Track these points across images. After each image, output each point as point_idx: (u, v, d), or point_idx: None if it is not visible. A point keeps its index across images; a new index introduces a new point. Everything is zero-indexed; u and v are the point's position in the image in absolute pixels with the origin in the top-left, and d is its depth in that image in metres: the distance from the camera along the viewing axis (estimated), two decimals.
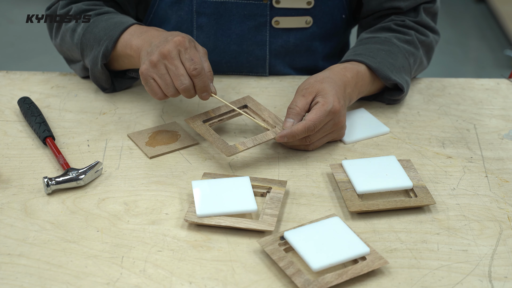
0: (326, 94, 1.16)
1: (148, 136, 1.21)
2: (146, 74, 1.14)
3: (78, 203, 1.05)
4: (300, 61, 1.45)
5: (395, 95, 1.30)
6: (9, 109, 1.29)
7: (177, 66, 1.12)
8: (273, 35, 1.40)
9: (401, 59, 1.30)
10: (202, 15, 1.37)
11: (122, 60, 1.27)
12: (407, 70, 1.31)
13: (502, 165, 1.16)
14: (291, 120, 1.15)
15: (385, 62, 1.27)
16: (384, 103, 1.33)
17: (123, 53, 1.24)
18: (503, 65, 3.40)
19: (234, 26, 1.38)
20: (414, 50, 1.34)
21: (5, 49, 3.44)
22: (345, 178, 1.09)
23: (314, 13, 1.39)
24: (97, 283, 0.90)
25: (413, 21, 1.37)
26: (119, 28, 1.25)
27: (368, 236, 1.00)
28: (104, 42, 1.25)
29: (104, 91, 1.33)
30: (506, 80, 1.43)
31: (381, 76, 1.26)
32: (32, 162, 1.14)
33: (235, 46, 1.40)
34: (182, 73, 1.12)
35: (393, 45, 1.31)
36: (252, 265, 0.94)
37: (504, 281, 0.92)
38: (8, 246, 0.96)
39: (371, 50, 1.29)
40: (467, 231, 1.01)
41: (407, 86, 1.30)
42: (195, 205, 1.02)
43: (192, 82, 1.13)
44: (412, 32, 1.35)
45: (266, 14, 1.37)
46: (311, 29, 1.40)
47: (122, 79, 1.34)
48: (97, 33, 1.27)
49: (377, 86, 1.30)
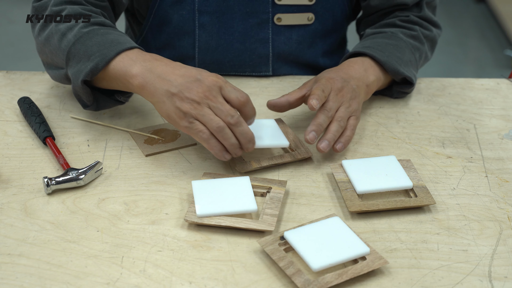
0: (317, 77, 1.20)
1: (148, 134, 1.21)
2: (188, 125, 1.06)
3: (78, 203, 1.05)
4: (301, 58, 1.45)
5: (405, 88, 1.32)
6: (9, 109, 1.29)
7: (222, 103, 1.06)
8: (276, 32, 1.40)
9: (408, 53, 1.32)
10: (204, 13, 1.37)
11: (112, 82, 1.16)
12: (413, 65, 1.33)
13: (502, 165, 1.16)
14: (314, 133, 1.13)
15: (393, 56, 1.28)
16: (392, 97, 1.34)
17: (116, 76, 1.13)
18: (503, 65, 3.40)
19: (237, 24, 1.38)
20: (420, 45, 1.36)
21: (5, 49, 3.44)
22: (345, 178, 1.09)
23: (316, 10, 1.39)
24: (97, 283, 0.90)
25: (417, 16, 1.39)
26: (114, 47, 1.14)
27: (368, 236, 1.00)
28: (95, 59, 1.13)
29: (84, 108, 1.21)
30: (506, 80, 1.43)
31: (389, 70, 1.27)
32: (32, 162, 1.14)
33: (238, 44, 1.40)
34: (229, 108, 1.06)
35: (400, 40, 1.32)
36: (252, 265, 0.94)
37: (504, 281, 0.92)
38: (8, 246, 0.96)
39: (379, 44, 1.30)
40: (467, 231, 1.01)
41: (415, 79, 1.32)
42: (195, 205, 1.02)
43: None
44: (417, 27, 1.36)
45: (268, 11, 1.38)
46: (313, 26, 1.41)
47: (108, 97, 1.22)
48: (89, 46, 1.15)
49: (387, 79, 1.31)
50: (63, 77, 1.22)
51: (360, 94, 1.22)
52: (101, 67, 1.13)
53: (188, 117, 1.06)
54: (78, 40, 1.16)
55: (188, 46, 1.41)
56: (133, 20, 1.50)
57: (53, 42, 1.20)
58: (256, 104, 1.31)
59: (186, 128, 1.07)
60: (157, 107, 1.10)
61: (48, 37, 1.21)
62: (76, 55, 1.16)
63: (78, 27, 1.18)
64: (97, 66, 1.13)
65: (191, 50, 1.41)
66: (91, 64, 1.13)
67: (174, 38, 1.41)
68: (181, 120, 1.06)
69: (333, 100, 1.16)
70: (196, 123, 1.06)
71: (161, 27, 1.41)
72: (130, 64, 1.11)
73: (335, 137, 1.14)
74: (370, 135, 1.24)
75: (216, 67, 1.42)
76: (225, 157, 1.08)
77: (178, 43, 1.41)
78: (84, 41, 1.16)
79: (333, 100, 1.16)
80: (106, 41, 1.15)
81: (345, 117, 1.16)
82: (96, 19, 1.21)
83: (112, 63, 1.13)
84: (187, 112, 1.05)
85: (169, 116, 1.08)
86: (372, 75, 1.26)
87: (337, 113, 1.16)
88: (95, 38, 1.16)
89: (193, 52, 1.41)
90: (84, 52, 1.15)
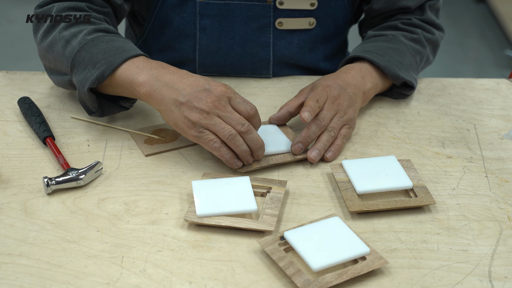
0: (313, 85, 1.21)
1: (148, 134, 1.21)
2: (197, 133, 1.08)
3: (78, 203, 1.05)
4: (302, 62, 1.45)
5: (405, 91, 1.32)
6: (9, 109, 1.29)
7: (232, 112, 1.08)
8: (277, 37, 1.40)
9: (408, 57, 1.32)
10: (205, 17, 1.37)
11: (118, 89, 1.16)
12: (414, 68, 1.34)
13: (502, 165, 1.16)
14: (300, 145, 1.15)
15: (393, 60, 1.29)
16: (392, 97, 1.34)
17: (122, 84, 1.14)
18: (503, 65, 3.40)
19: (238, 28, 1.38)
20: (421, 49, 1.35)
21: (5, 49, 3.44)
22: (345, 178, 1.09)
23: (318, 15, 1.39)
24: (97, 283, 0.90)
25: (419, 19, 1.38)
26: (121, 55, 1.13)
27: (368, 236, 1.00)
28: (101, 66, 1.13)
29: (89, 114, 1.21)
30: (506, 80, 1.43)
31: (389, 75, 1.27)
32: (32, 162, 1.14)
33: (238, 48, 1.40)
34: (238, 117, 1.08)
35: (401, 43, 1.32)
36: (252, 265, 0.94)
37: (504, 281, 0.92)
38: (8, 246, 0.96)
39: (380, 48, 1.30)
40: (467, 231, 1.01)
41: (415, 83, 1.33)
42: (195, 205, 1.02)
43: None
44: (419, 30, 1.36)
45: (269, 15, 1.37)
46: (314, 31, 1.40)
47: (113, 103, 1.21)
48: (95, 54, 1.15)
49: (386, 84, 1.31)
50: (67, 83, 1.22)
51: (356, 101, 1.23)
52: (107, 74, 1.13)
53: (198, 127, 1.07)
54: (83, 48, 1.16)
55: (189, 49, 1.41)
56: (134, 21, 1.50)
57: (56, 49, 1.20)
58: (256, 104, 1.31)
59: (196, 138, 1.08)
60: (164, 115, 1.10)
61: (51, 43, 1.21)
62: (81, 62, 1.16)
63: (83, 34, 1.18)
64: (103, 73, 1.13)
65: (191, 52, 1.41)
66: (97, 72, 1.13)
67: (175, 40, 1.41)
68: (190, 130, 1.08)
69: (327, 109, 1.17)
70: (206, 132, 1.07)
71: (162, 29, 1.41)
72: (137, 72, 1.12)
73: (325, 146, 1.16)
74: (370, 135, 1.24)
75: (217, 70, 1.42)
76: (236, 165, 1.10)
77: (178, 45, 1.41)
78: (89, 49, 1.15)
79: (328, 108, 1.17)
80: (111, 48, 1.15)
81: (338, 127, 1.17)
82: (100, 26, 1.21)
83: (118, 70, 1.13)
84: (197, 122, 1.06)
85: (177, 125, 1.09)
86: (369, 82, 1.26)
87: (331, 122, 1.17)
88: (100, 45, 1.16)
89: (193, 55, 1.41)
90: (90, 59, 1.15)
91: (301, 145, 1.14)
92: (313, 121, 1.16)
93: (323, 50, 1.45)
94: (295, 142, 1.15)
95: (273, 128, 1.21)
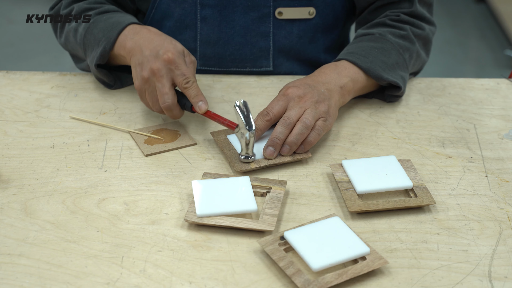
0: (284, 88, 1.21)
1: (148, 134, 1.21)
2: (140, 90, 1.21)
3: (78, 203, 1.05)
4: (303, 53, 1.45)
5: (394, 92, 1.31)
6: (9, 109, 1.29)
7: (164, 84, 1.17)
8: (277, 26, 1.40)
9: (394, 55, 1.30)
10: (206, 6, 1.38)
11: (119, 60, 1.29)
12: (402, 66, 1.31)
13: (502, 165, 1.16)
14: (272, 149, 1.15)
15: (377, 60, 1.27)
16: (385, 101, 1.33)
17: (118, 54, 1.27)
18: (503, 65, 3.40)
19: (238, 17, 1.39)
20: (410, 45, 1.34)
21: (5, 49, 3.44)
22: (345, 178, 1.09)
23: (317, 4, 1.39)
24: (97, 283, 0.90)
25: (407, 12, 1.37)
26: (116, 28, 1.26)
27: (368, 236, 1.00)
28: (103, 43, 1.26)
29: (110, 88, 1.35)
30: (506, 80, 1.43)
31: (373, 76, 1.26)
32: (32, 162, 1.14)
33: (239, 38, 1.41)
34: (167, 92, 1.17)
35: (387, 42, 1.31)
36: (252, 265, 0.94)
37: (504, 281, 0.92)
38: (8, 246, 0.96)
39: (364, 49, 1.30)
40: (467, 231, 1.01)
41: (403, 81, 1.30)
42: (195, 205, 1.02)
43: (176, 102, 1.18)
44: (407, 26, 1.35)
45: (269, 4, 1.38)
46: (314, 20, 1.41)
47: (128, 74, 1.36)
48: (96, 34, 1.29)
49: (369, 81, 1.30)
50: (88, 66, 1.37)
51: (331, 96, 1.20)
52: (108, 49, 1.26)
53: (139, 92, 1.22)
54: (87, 32, 1.31)
55: (190, 40, 1.42)
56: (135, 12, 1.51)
57: (71, 39, 1.36)
58: (256, 104, 1.31)
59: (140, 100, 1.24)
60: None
61: (66, 37, 1.38)
62: (89, 45, 1.30)
63: None
64: (105, 49, 1.26)
65: (192, 43, 1.42)
66: (100, 49, 1.27)
67: (176, 31, 1.42)
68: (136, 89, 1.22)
69: (292, 108, 1.16)
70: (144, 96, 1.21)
71: (162, 21, 1.42)
72: (124, 40, 1.25)
73: (297, 140, 1.13)
74: (370, 135, 1.24)
75: (217, 60, 1.43)
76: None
77: (179, 36, 1.42)
78: (92, 30, 1.30)
79: (293, 108, 1.16)
80: (108, 25, 1.28)
81: (311, 118, 1.15)
82: (100, 9, 1.34)
83: (116, 43, 1.26)
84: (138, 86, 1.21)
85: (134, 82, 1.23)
86: (345, 77, 1.25)
87: (303, 115, 1.15)
88: (100, 24, 1.29)
89: (194, 45, 1.42)
90: (94, 40, 1.29)
91: (272, 148, 1.13)
92: (280, 122, 1.15)
93: (323, 41, 1.45)
94: (265, 146, 1.14)
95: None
